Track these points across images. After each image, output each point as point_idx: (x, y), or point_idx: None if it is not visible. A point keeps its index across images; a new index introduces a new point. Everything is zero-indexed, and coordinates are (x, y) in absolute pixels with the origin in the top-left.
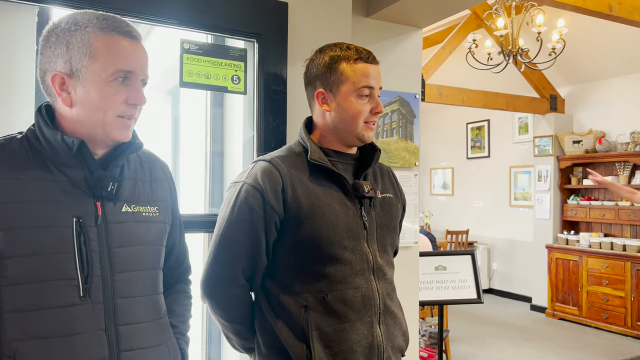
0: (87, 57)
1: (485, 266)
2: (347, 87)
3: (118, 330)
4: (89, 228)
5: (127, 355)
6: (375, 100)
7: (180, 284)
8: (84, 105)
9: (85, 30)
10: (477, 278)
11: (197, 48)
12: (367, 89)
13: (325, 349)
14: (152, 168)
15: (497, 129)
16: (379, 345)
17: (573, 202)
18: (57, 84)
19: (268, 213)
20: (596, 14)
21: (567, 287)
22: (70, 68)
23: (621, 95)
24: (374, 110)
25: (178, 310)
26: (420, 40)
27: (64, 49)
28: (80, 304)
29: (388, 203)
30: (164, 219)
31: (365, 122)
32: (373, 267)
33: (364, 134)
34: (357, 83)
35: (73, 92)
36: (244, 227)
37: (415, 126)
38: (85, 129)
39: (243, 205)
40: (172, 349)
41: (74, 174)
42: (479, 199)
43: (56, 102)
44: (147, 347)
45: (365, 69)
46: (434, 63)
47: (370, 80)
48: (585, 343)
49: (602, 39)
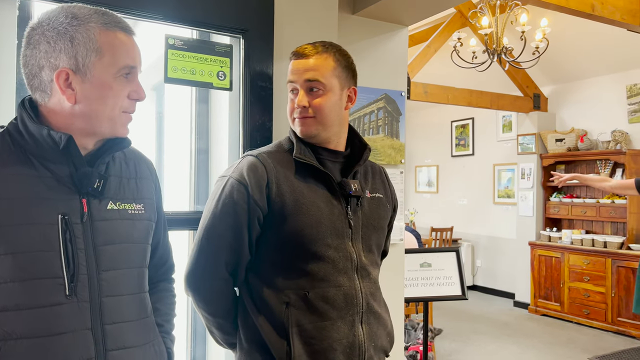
0: (94, 53)
1: (469, 263)
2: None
3: (104, 329)
4: (75, 225)
5: (114, 355)
6: (296, 96)
7: (164, 283)
8: (90, 101)
9: (88, 25)
10: (462, 275)
11: (182, 44)
12: (289, 85)
13: (305, 346)
14: (138, 165)
15: (482, 127)
16: (361, 344)
17: (555, 199)
18: (62, 80)
19: (251, 208)
20: (579, 13)
21: (549, 284)
22: (76, 64)
23: (603, 95)
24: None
25: (163, 309)
26: (406, 38)
27: (68, 44)
28: (66, 302)
29: (377, 203)
30: (149, 217)
31: (293, 117)
32: (357, 266)
33: (297, 129)
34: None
35: (78, 88)
36: (227, 221)
37: (401, 124)
38: (86, 124)
39: (227, 199)
40: (158, 348)
41: (59, 170)
42: (464, 196)
43: (50, 98)
44: (134, 346)
45: (291, 66)
46: (420, 61)
47: (291, 75)
48: (567, 338)
49: (584, 39)
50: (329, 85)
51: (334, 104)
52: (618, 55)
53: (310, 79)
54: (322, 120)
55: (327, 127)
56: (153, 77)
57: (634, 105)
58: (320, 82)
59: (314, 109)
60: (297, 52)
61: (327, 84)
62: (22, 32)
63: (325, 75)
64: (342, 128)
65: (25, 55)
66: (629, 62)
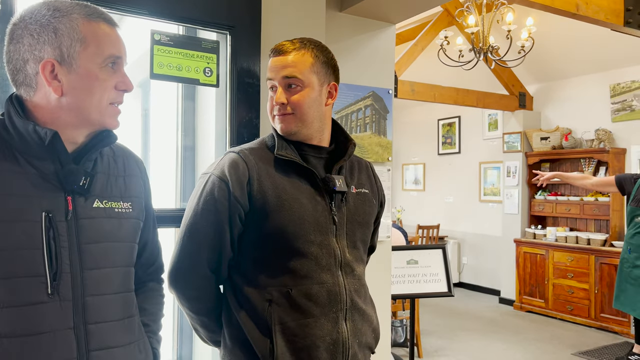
0: (79, 42)
1: (455, 260)
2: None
3: (87, 329)
4: (59, 223)
5: (97, 355)
6: (275, 93)
7: (153, 283)
8: (77, 92)
9: (71, 16)
10: (448, 271)
11: (168, 39)
12: (268, 82)
13: (288, 344)
14: (126, 162)
15: (468, 126)
16: (344, 341)
17: (540, 197)
18: (48, 72)
19: (232, 205)
20: (563, 13)
21: (534, 280)
22: (61, 54)
23: (587, 94)
24: (275, 103)
25: (150, 308)
26: (393, 36)
27: (51, 35)
28: (48, 301)
29: (362, 199)
30: (137, 215)
31: (273, 114)
32: (341, 262)
33: (277, 126)
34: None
35: (64, 79)
36: (209, 218)
37: (388, 121)
38: (74, 117)
39: (209, 197)
40: (143, 348)
41: (44, 167)
42: (450, 194)
43: (35, 92)
44: (118, 347)
45: (271, 63)
46: (407, 59)
47: (269, 73)
48: (551, 334)
49: (569, 38)
50: (307, 81)
51: (313, 100)
52: (602, 55)
53: (287, 75)
54: (301, 116)
55: (307, 124)
56: (138, 74)
57: (617, 104)
58: (297, 78)
59: (292, 105)
60: (276, 49)
61: (305, 80)
62: (4, 27)
63: (303, 72)
64: (324, 124)
65: (8, 52)
66: (613, 62)
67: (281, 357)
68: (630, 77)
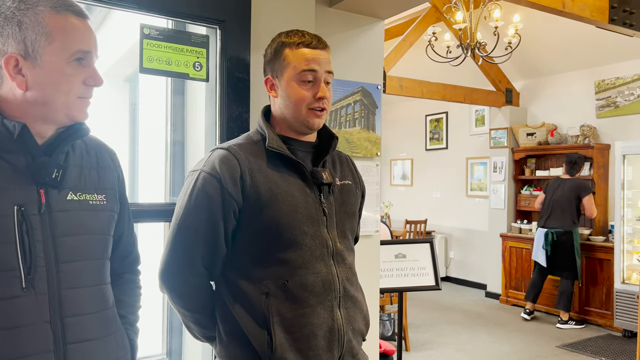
0: (44, 37)
1: (442, 255)
2: (289, 73)
3: (64, 322)
4: (32, 217)
5: (74, 348)
6: (319, 85)
7: (129, 274)
8: (43, 87)
9: (37, 9)
10: (436, 265)
11: (157, 33)
12: (309, 74)
13: (287, 335)
14: (99, 155)
15: (455, 121)
16: (339, 328)
17: (526, 192)
18: (12, 66)
19: (226, 201)
20: (549, 9)
21: (519, 274)
22: (25, 49)
23: (572, 90)
24: (316, 96)
25: (127, 300)
26: (382, 31)
27: (15, 28)
28: (22, 295)
29: (347, 190)
30: (111, 207)
31: (309, 108)
32: (333, 252)
33: (309, 120)
34: (298, 67)
35: (29, 74)
36: (202, 215)
37: (377, 117)
38: (40, 111)
39: (200, 194)
40: (120, 340)
41: (15, 160)
42: (437, 189)
43: (1, 85)
44: (94, 339)
45: (307, 54)
46: (395, 55)
47: (311, 64)
48: (536, 328)
49: (555, 35)
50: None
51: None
52: (587, 52)
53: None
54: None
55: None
56: (127, 68)
57: (601, 101)
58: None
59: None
60: (311, 42)
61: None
62: None
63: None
64: None
65: None
66: (598, 59)
67: (280, 349)
68: (614, 73)
